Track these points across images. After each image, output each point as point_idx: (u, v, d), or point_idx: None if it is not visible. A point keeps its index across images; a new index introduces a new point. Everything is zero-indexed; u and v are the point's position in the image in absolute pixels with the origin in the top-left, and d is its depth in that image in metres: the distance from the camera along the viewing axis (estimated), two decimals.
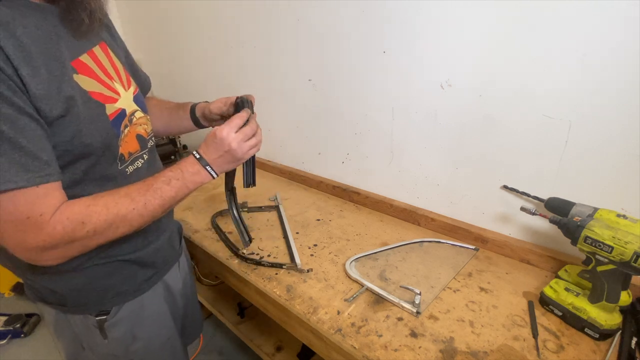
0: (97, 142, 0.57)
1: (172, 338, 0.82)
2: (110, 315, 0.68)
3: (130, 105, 0.66)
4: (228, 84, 1.59)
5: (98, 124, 0.57)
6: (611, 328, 0.65)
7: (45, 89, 0.49)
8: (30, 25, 0.49)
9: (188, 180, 0.64)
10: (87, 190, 0.58)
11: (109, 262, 0.66)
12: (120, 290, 0.69)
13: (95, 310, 0.68)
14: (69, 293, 0.65)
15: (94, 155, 0.57)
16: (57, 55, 0.52)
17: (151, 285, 0.74)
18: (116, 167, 0.63)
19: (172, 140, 1.80)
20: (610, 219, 0.67)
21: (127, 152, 0.65)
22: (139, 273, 0.71)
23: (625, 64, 0.67)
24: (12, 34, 0.46)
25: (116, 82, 0.64)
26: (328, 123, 1.24)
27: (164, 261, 0.78)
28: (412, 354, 0.63)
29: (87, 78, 0.57)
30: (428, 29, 0.90)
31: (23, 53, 0.47)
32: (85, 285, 0.65)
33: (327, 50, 1.13)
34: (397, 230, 1.05)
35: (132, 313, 0.71)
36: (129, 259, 0.68)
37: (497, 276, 0.84)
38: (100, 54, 0.62)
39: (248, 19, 1.33)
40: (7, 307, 1.84)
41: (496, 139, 0.88)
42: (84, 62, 0.57)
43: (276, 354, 1.23)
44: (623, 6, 0.65)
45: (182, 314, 0.88)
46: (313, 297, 0.77)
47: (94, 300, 0.67)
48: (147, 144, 0.72)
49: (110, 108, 0.60)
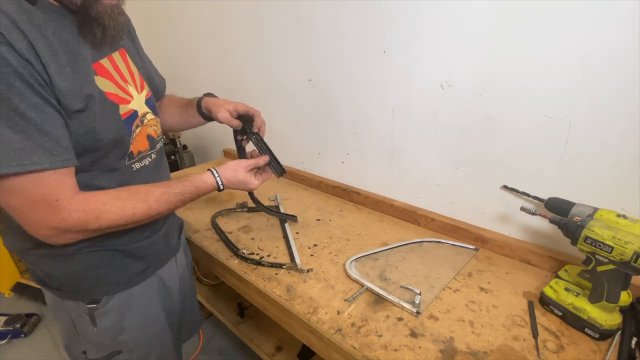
0: (108, 138, 0.61)
1: (162, 333, 0.82)
2: (101, 304, 0.70)
3: (142, 108, 0.71)
4: (228, 84, 1.59)
5: (111, 122, 0.62)
6: (611, 328, 0.65)
7: (69, 86, 0.54)
8: (60, 29, 0.55)
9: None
10: (93, 180, 0.63)
11: (103, 251, 0.68)
12: (111, 280, 0.71)
13: (88, 298, 0.70)
14: (64, 278, 0.68)
15: (103, 150, 0.62)
16: (83, 56, 0.58)
17: (144, 279, 0.76)
18: (124, 162, 0.67)
19: (172, 140, 1.80)
20: (610, 219, 0.67)
21: (136, 150, 0.69)
22: (131, 265, 0.73)
23: (625, 64, 0.67)
24: (43, 34, 0.52)
25: (130, 85, 0.69)
26: (328, 123, 1.24)
27: (158, 256, 0.79)
28: (412, 354, 0.63)
29: (105, 80, 0.62)
30: (428, 29, 0.90)
31: (51, 52, 0.52)
32: (79, 272, 0.68)
33: (327, 50, 1.13)
34: (397, 230, 1.05)
35: (122, 304, 0.73)
36: (123, 249, 0.71)
37: (497, 276, 0.84)
38: (119, 59, 0.68)
39: (248, 19, 1.33)
40: (7, 307, 1.84)
41: (496, 139, 0.88)
42: (104, 66, 0.63)
43: (276, 354, 1.23)
44: (623, 6, 0.65)
45: (179, 310, 0.89)
46: (313, 297, 0.77)
47: (86, 287, 0.69)
48: (156, 145, 0.76)
49: (123, 108, 0.65)
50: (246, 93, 1.52)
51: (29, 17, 0.51)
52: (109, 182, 0.65)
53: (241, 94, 1.54)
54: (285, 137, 1.43)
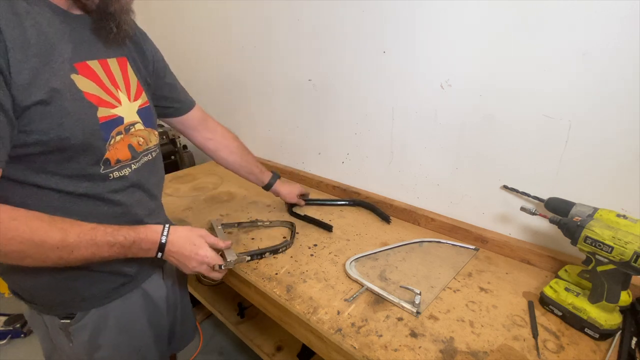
0: (77, 139, 0.57)
1: (143, 348, 0.78)
2: (75, 320, 0.67)
3: (131, 116, 0.68)
4: (229, 84, 1.59)
5: (84, 122, 0.58)
6: (611, 328, 0.65)
7: (30, 76, 0.51)
8: (43, 22, 0.54)
9: (132, 252, 0.63)
10: (58, 184, 0.58)
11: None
12: (85, 295, 0.67)
13: (62, 313, 0.67)
14: (36, 292, 0.66)
15: (70, 151, 0.57)
16: (60, 52, 0.56)
17: (123, 294, 0.72)
18: (97, 169, 0.62)
19: (172, 140, 1.80)
20: (610, 219, 0.67)
21: (114, 158, 0.64)
22: (107, 280, 0.69)
23: (625, 64, 0.67)
24: (20, 23, 0.51)
25: (122, 92, 0.67)
26: (328, 123, 1.24)
27: (139, 270, 0.74)
28: (412, 354, 0.63)
29: (86, 80, 0.60)
30: (428, 29, 0.90)
31: (22, 41, 0.51)
32: (50, 285, 0.64)
33: (327, 50, 1.13)
34: (397, 230, 1.05)
35: (98, 320, 0.69)
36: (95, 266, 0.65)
37: (497, 276, 0.84)
38: (115, 65, 0.66)
39: (248, 19, 1.33)
40: (7, 307, 1.83)
41: (496, 139, 0.88)
42: (90, 67, 0.61)
43: (276, 354, 1.23)
44: (623, 6, 0.65)
45: (170, 321, 0.86)
46: (313, 297, 0.77)
47: (59, 302, 0.66)
48: (138, 155, 0.70)
49: (104, 112, 0.62)
50: (246, 93, 1.52)
51: (10, 5, 0.51)
52: (75, 188, 0.60)
53: (241, 94, 1.54)
54: (285, 137, 1.43)
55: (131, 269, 0.72)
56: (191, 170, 1.61)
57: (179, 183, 1.43)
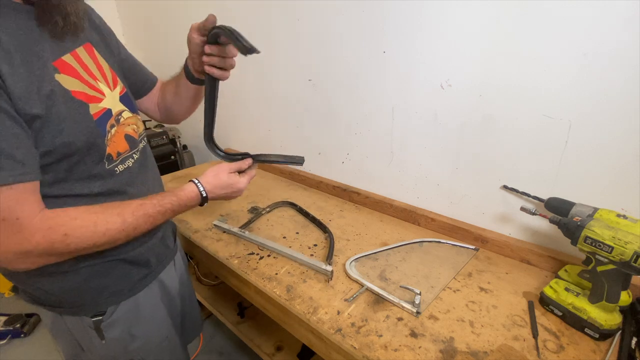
0: (80, 141, 0.56)
1: (170, 336, 0.81)
2: (107, 316, 0.68)
3: (117, 105, 0.66)
4: (228, 84, 1.59)
5: (81, 123, 0.57)
6: (611, 328, 0.65)
7: (23, 88, 0.49)
8: (11, 25, 0.50)
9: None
10: (73, 190, 0.58)
11: (102, 263, 0.65)
12: (114, 290, 0.69)
13: (91, 311, 0.67)
14: (63, 295, 0.65)
15: (77, 155, 0.57)
16: (39, 54, 0.53)
17: (146, 284, 0.74)
18: (103, 166, 0.62)
19: (172, 140, 1.80)
20: (610, 219, 0.67)
21: (115, 152, 0.64)
22: (133, 272, 0.71)
23: (625, 64, 0.67)
24: None
25: (101, 82, 0.64)
26: (328, 123, 1.24)
27: (158, 260, 0.77)
28: (412, 354, 0.63)
29: (69, 77, 0.57)
30: (428, 29, 0.90)
31: (3, 52, 0.48)
32: (79, 286, 0.65)
33: (327, 50, 1.13)
34: (397, 230, 1.05)
35: (128, 312, 0.71)
36: (123, 258, 0.68)
37: (497, 276, 0.84)
38: (84, 54, 0.62)
39: (248, 19, 1.33)
40: (7, 307, 1.83)
41: (496, 139, 0.88)
42: (67, 62, 0.58)
43: (276, 354, 1.23)
44: (623, 6, 0.65)
45: (180, 312, 0.88)
46: (313, 297, 0.77)
47: (89, 301, 0.67)
48: (137, 144, 0.71)
49: (94, 107, 0.60)
50: (246, 93, 1.52)
51: None
52: (90, 190, 0.60)
53: (241, 94, 1.54)
54: (285, 137, 1.43)
55: (151, 259, 0.74)
56: (191, 170, 1.61)
57: (179, 183, 1.43)
